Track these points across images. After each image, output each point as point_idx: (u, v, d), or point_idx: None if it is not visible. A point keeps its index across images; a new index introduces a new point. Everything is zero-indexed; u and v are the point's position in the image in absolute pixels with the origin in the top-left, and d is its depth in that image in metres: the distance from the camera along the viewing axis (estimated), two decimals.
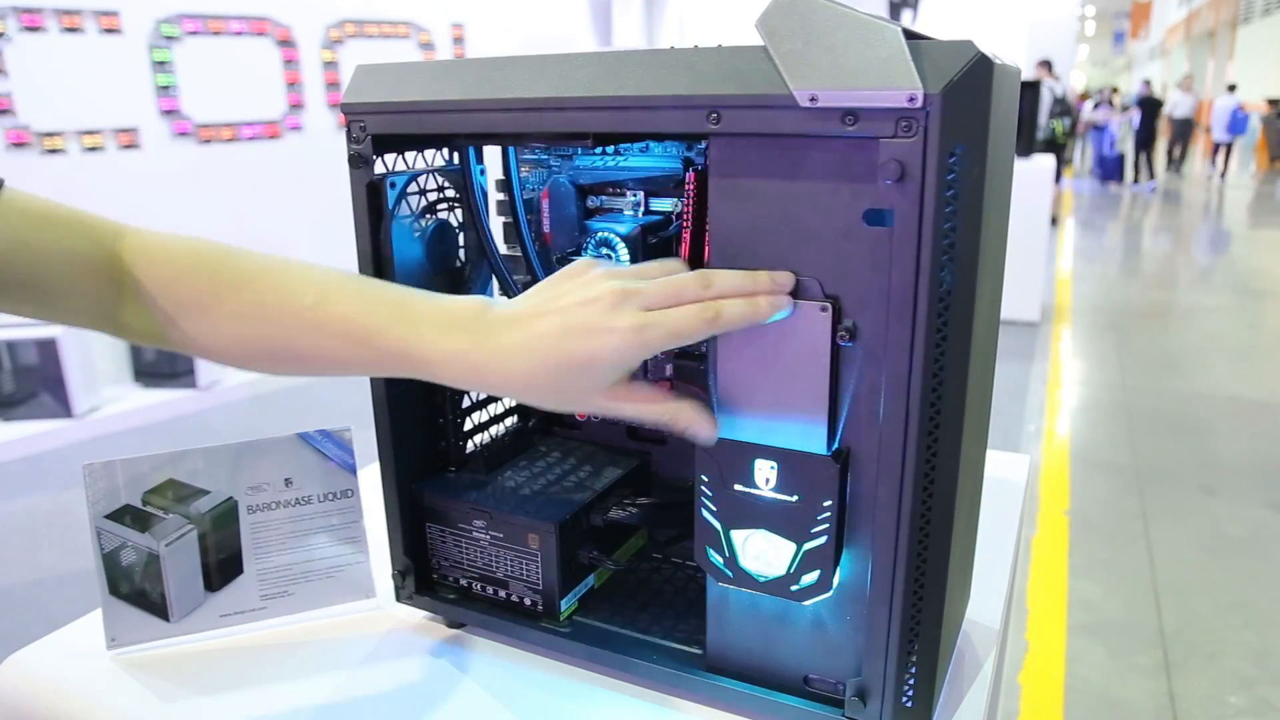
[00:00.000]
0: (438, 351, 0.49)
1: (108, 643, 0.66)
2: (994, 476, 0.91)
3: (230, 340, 0.53)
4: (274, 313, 0.52)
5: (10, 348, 3.30)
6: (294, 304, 0.51)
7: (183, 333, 0.53)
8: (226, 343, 0.53)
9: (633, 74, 0.50)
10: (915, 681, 0.52)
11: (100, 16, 3.53)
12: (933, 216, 0.44)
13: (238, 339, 0.53)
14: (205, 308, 0.52)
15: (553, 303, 0.49)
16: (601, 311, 0.47)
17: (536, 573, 0.64)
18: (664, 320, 0.47)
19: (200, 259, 0.53)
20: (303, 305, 0.51)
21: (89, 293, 0.52)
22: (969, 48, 0.43)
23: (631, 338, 0.47)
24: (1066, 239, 7.44)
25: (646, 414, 0.51)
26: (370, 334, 0.50)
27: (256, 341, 0.53)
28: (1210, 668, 1.96)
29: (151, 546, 0.66)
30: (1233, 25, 16.63)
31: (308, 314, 0.51)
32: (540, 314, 0.49)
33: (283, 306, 0.51)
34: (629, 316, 0.47)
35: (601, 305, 0.48)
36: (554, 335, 0.48)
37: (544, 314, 0.49)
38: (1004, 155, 0.52)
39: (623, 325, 0.47)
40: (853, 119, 0.44)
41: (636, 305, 0.48)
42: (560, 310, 0.49)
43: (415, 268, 0.65)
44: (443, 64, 0.58)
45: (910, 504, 0.48)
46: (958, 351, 0.47)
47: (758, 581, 0.54)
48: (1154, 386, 3.86)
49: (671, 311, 0.48)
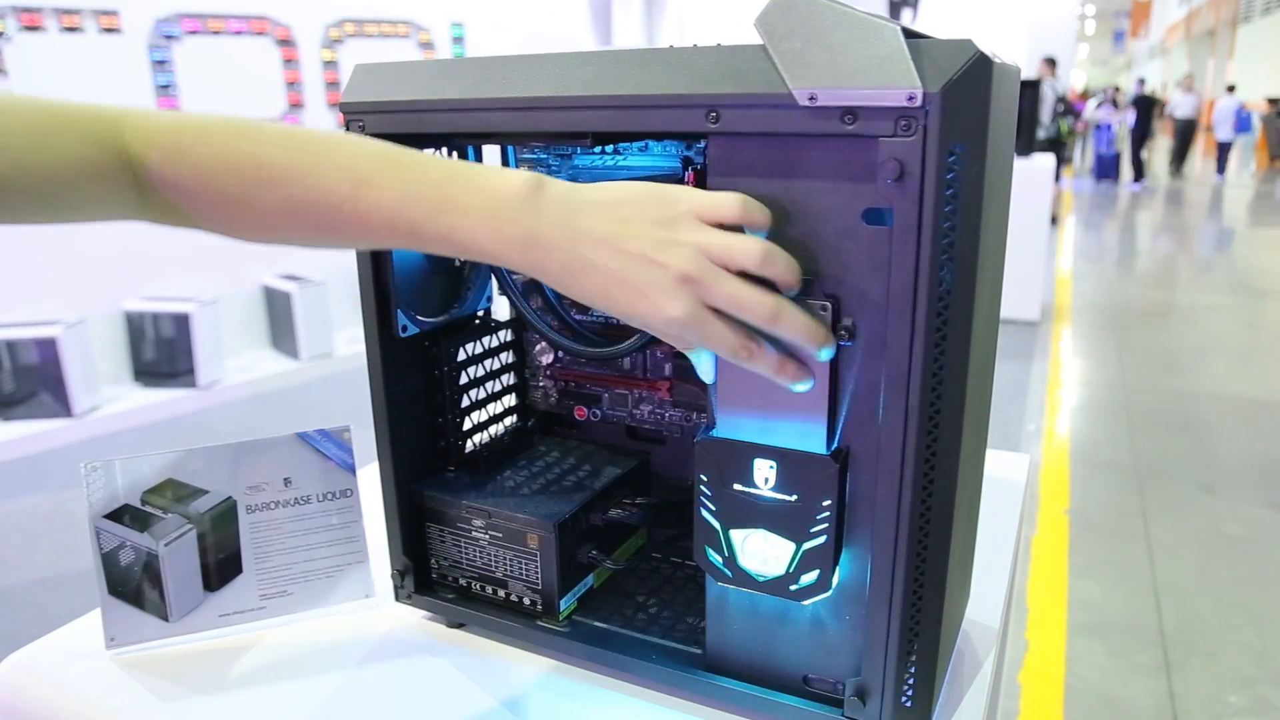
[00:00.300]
0: (487, 245, 0.46)
1: (107, 642, 0.66)
2: (994, 476, 0.90)
3: (267, 231, 0.50)
4: (308, 208, 0.48)
5: (10, 347, 3.29)
6: (329, 197, 0.47)
7: (214, 223, 0.50)
8: (263, 234, 0.50)
9: (632, 73, 0.50)
10: (915, 681, 0.52)
11: (100, 16, 3.52)
12: (932, 215, 0.44)
13: (274, 230, 0.50)
14: (234, 203, 0.49)
15: (620, 235, 0.45)
16: (662, 284, 0.45)
17: (536, 572, 0.64)
18: (707, 331, 0.46)
19: (216, 153, 0.49)
20: (339, 198, 0.47)
21: (101, 195, 0.49)
22: (968, 47, 0.43)
23: (674, 327, 0.45)
24: (1066, 238, 7.44)
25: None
26: (415, 227, 0.47)
27: (295, 232, 0.50)
28: (1210, 667, 1.96)
29: (151, 546, 0.66)
30: (1233, 24, 16.62)
31: (346, 206, 0.47)
32: (600, 240, 0.45)
33: (317, 201, 0.48)
34: (684, 305, 0.45)
35: (667, 276, 0.44)
36: (605, 275, 0.45)
37: (603, 243, 0.45)
38: (1003, 154, 0.52)
39: (674, 313, 0.45)
40: (852, 118, 0.44)
41: (697, 296, 0.45)
42: (622, 252, 0.45)
43: (413, 267, 0.65)
44: (442, 63, 0.58)
45: (910, 503, 0.48)
46: (957, 351, 0.47)
47: (757, 581, 0.54)
48: (1154, 385, 3.85)
49: (718, 328, 0.46)
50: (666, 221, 0.46)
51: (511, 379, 0.77)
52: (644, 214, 0.46)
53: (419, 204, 0.47)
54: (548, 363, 0.76)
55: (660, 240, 0.45)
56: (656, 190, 0.47)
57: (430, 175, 0.47)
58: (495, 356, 0.74)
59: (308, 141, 0.49)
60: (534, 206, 0.46)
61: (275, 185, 0.48)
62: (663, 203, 0.46)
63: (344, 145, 0.49)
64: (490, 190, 0.46)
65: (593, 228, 0.46)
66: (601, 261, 0.45)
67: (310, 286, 4.02)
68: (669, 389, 0.70)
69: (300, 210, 0.48)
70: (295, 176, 0.48)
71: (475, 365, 0.72)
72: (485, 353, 0.73)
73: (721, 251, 0.45)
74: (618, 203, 0.46)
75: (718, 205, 0.46)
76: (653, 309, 0.45)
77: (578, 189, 0.47)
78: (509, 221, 0.46)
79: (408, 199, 0.47)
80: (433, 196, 0.47)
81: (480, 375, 0.73)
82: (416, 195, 0.47)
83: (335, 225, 0.48)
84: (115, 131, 0.48)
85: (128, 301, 3.67)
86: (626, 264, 0.45)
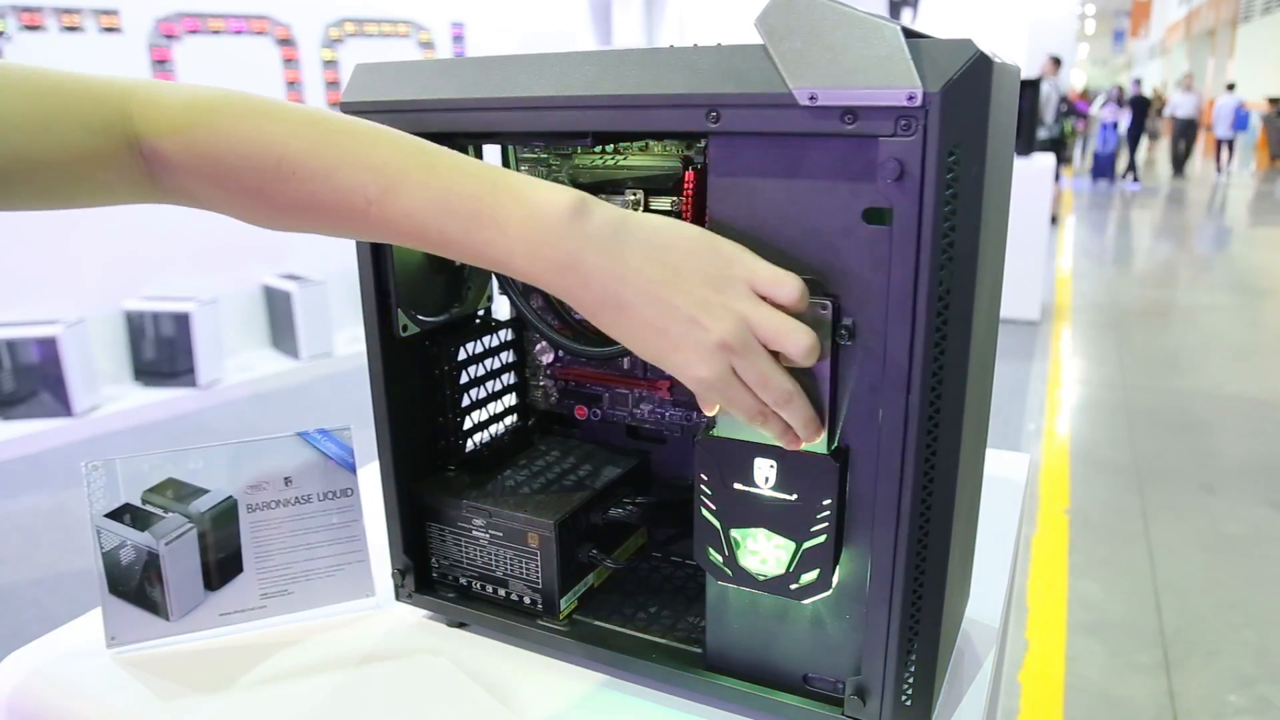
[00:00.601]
0: (522, 265, 0.45)
1: (107, 641, 0.66)
2: (994, 475, 0.91)
3: (287, 222, 0.48)
4: (331, 207, 0.46)
5: (10, 347, 3.30)
6: (353, 199, 0.45)
7: (230, 211, 0.48)
8: (282, 224, 0.48)
9: (632, 73, 0.50)
10: (914, 680, 0.53)
11: (100, 15, 3.53)
12: (932, 215, 0.44)
13: (294, 222, 0.48)
14: (252, 195, 0.46)
15: (667, 284, 0.44)
16: (699, 344, 0.44)
17: (536, 571, 0.64)
18: (731, 395, 0.46)
19: (230, 144, 0.45)
20: (365, 200, 0.45)
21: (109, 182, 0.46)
22: (968, 46, 0.43)
23: (700, 387, 0.46)
24: (1066, 237, 7.44)
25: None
26: (447, 239, 0.45)
27: (316, 225, 0.48)
28: (1210, 666, 1.96)
29: (151, 545, 0.66)
30: (1233, 24, 16.62)
31: (373, 210, 0.45)
32: (645, 285, 0.44)
33: (341, 201, 0.45)
34: (717, 370, 0.45)
35: (707, 339, 0.44)
36: (643, 322, 0.44)
37: (648, 289, 0.44)
38: (1003, 154, 0.52)
39: (706, 375, 0.45)
40: (852, 117, 0.44)
41: (730, 367, 0.45)
42: (666, 303, 0.44)
43: (415, 267, 0.65)
44: (442, 63, 0.58)
45: (909, 502, 0.48)
46: (957, 350, 0.47)
47: (757, 580, 0.54)
48: (1154, 385, 3.85)
49: (745, 396, 0.46)
50: (718, 282, 0.44)
51: (512, 378, 0.77)
52: (697, 267, 0.44)
53: (453, 216, 0.44)
54: (548, 362, 0.76)
55: (708, 301, 0.44)
56: (712, 243, 0.46)
57: (466, 185, 0.45)
58: (495, 356, 0.74)
59: (332, 132, 0.46)
60: (578, 231, 0.44)
61: (296, 180, 0.45)
62: (718, 260, 0.45)
63: (371, 140, 0.46)
64: (531, 207, 0.44)
65: (640, 268, 0.44)
66: (642, 306, 0.44)
67: (310, 286, 4.02)
68: (669, 388, 0.70)
69: (323, 208, 0.46)
70: (318, 173, 0.45)
71: (475, 365, 0.72)
72: (485, 352, 0.73)
73: (772, 334, 0.45)
74: (668, 247, 0.45)
75: (778, 284, 0.45)
76: (685, 366, 0.45)
77: (626, 218, 0.45)
78: (550, 244, 0.44)
79: (441, 209, 0.44)
80: (468, 209, 0.44)
81: (480, 375, 0.73)
82: (450, 206, 0.44)
83: (360, 226, 0.46)
84: (122, 114, 0.45)
85: (128, 301, 3.67)
86: (668, 316, 0.44)
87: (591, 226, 0.44)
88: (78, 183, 0.46)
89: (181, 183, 0.47)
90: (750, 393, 0.46)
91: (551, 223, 0.44)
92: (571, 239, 0.44)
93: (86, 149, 0.45)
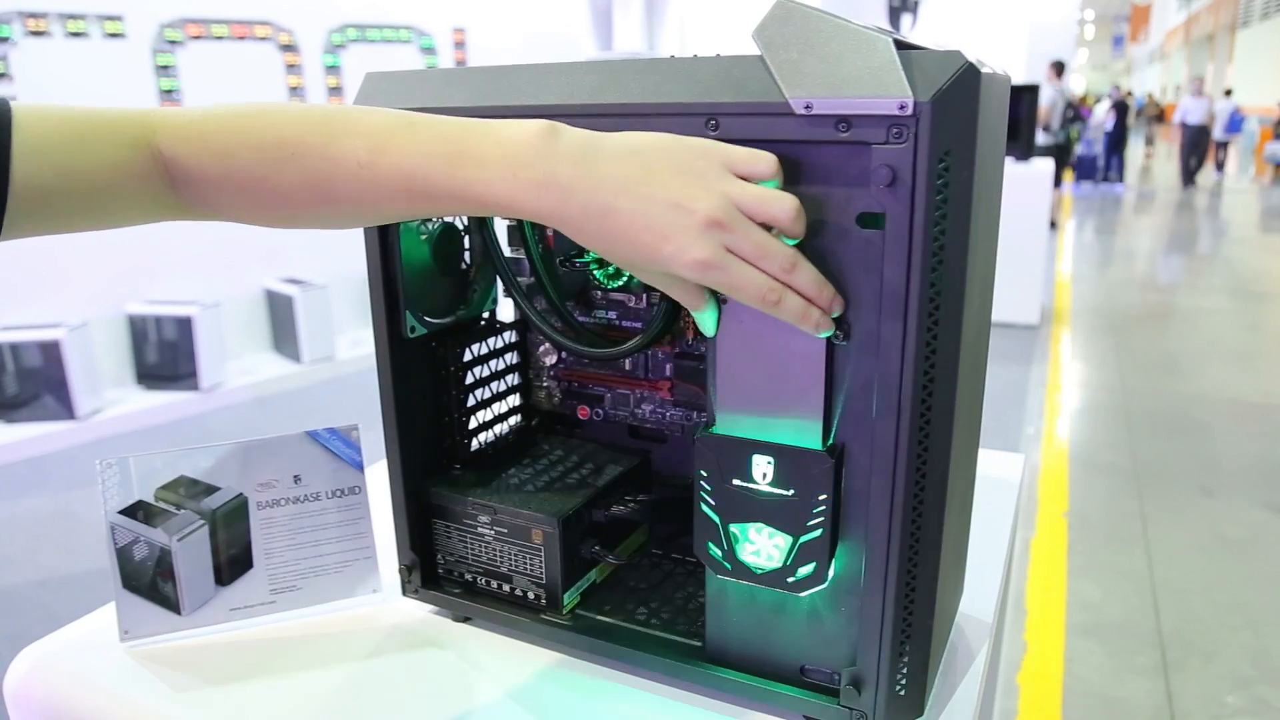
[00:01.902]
0: (504, 193, 0.46)
1: (121, 635, 0.68)
2: (989, 475, 0.92)
3: (291, 209, 0.51)
4: (329, 180, 0.49)
5: (13, 350, 3.31)
6: (347, 165, 0.48)
7: (240, 209, 0.52)
8: (288, 213, 0.51)
9: (634, 82, 0.52)
10: (908, 671, 0.54)
11: (104, 21, 3.55)
12: (923, 219, 0.45)
13: (298, 208, 0.51)
14: (258, 182, 0.50)
15: (643, 180, 0.45)
16: (687, 227, 0.45)
17: (540, 567, 0.66)
18: (733, 273, 0.46)
19: (239, 136, 0.50)
20: (357, 164, 0.48)
21: (138, 195, 0.50)
22: (957, 57, 0.44)
23: (698, 269, 0.45)
24: (1066, 241, 7.45)
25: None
26: (432, 185, 0.47)
27: (318, 207, 0.50)
28: (1208, 668, 1.97)
29: (164, 541, 0.67)
30: (1232, 29, 16.65)
31: (364, 173, 0.48)
32: (622, 184, 0.45)
33: (336, 171, 0.48)
34: (708, 248, 0.45)
35: (693, 220, 0.45)
36: (626, 220, 0.45)
37: (625, 187, 0.45)
38: (993, 160, 0.54)
39: (698, 256, 0.45)
40: (846, 125, 0.46)
41: (722, 242, 0.45)
42: (646, 198, 0.45)
43: (421, 270, 0.66)
44: (449, 71, 0.59)
45: (902, 497, 0.50)
46: (948, 349, 0.48)
47: (755, 574, 0.55)
48: (1153, 388, 3.87)
49: (745, 271, 0.46)
50: (693, 168, 0.46)
51: (516, 379, 0.78)
52: (670, 161, 0.46)
53: (434, 161, 0.47)
54: (551, 363, 0.78)
55: (687, 186, 0.45)
56: (680, 139, 0.47)
57: (444, 131, 0.48)
58: (500, 357, 0.76)
59: (325, 116, 0.50)
60: (551, 150, 0.46)
61: (296, 160, 0.49)
62: (690, 151, 0.47)
63: (360, 115, 0.50)
64: (505, 139, 0.47)
65: (614, 172, 0.46)
66: (623, 205, 0.45)
67: (312, 290, 4.03)
68: (670, 389, 0.72)
69: (321, 183, 0.49)
70: (315, 149, 0.49)
71: (481, 365, 0.73)
72: (490, 353, 0.74)
73: (755, 203, 0.46)
74: (639, 149, 0.46)
75: (753, 161, 0.47)
76: (679, 253, 0.45)
77: (596, 134, 0.47)
78: (525, 166, 0.46)
79: (423, 157, 0.47)
80: (448, 152, 0.47)
81: (485, 375, 0.74)
82: (431, 153, 0.47)
83: (355, 194, 0.49)
84: (146, 131, 0.50)
85: (130, 304, 3.69)
86: (650, 209, 0.45)
87: (563, 145, 0.46)
88: (112, 196, 0.49)
89: (198, 188, 0.51)
90: (754, 269, 0.46)
91: (524, 147, 0.46)
92: (546, 158, 0.46)
93: (117, 161, 0.49)
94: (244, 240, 3.96)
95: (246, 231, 4.04)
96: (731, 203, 0.45)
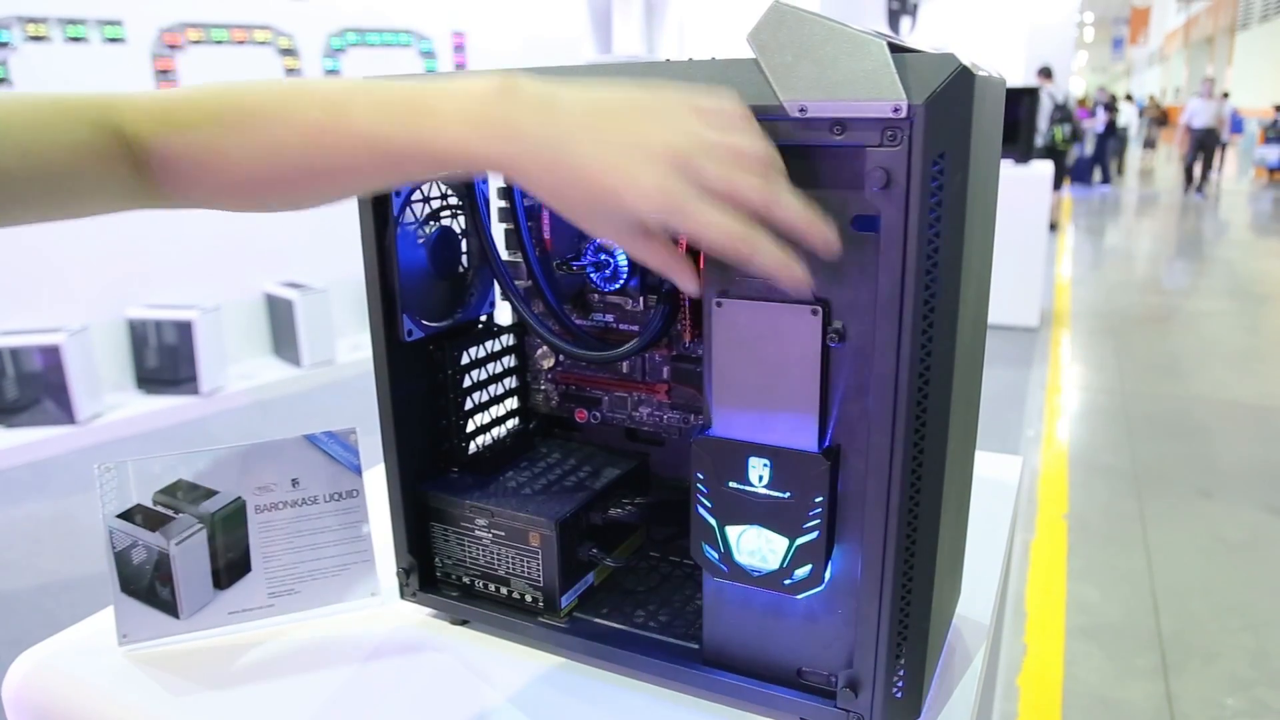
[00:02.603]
0: (465, 145, 0.45)
1: (119, 639, 0.68)
2: (987, 477, 0.92)
3: (256, 187, 0.50)
4: (290, 147, 0.48)
5: (14, 354, 3.31)
6: (308, 131, 0.48)
7: (205, 189, 0.51)
8: (251, 189, 0.50)
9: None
10: (905, 673, 0.54)
11: (104, 25, 3.56)
12: (918, 221, 0.45)
13: (262, 183, 0.50)
14: (219, 155, 0.49)
15: (602, 125, 0.44)
16: (644, 161, 0.43)
17: (538, 570, 0.66)
18: (697, 214, 0.43)
19: (200, 108, 0.49)
20: (319, 129, 0.48)
21: (103, 179, 0.49)
22: (951, 60, 0.45)
23: (657, 203, 0.43)
24: (1066, 243, 7.46)
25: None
26: (393, 145, 0.46)
27: (281, 181, 0.49)
28: (1208, 670, 1.97)
29: (162, 545, 0.68)
30: (1231, 31, 16.68)
31: (326, 138, 0.47)
32: (580, 131, 0.44)
33: (297, 138, 0.48)
34: (667, 179, 0.43)
35: (651, 153, 0.43)
36: (585, 166, 0.44)
37: (584, 134, 0.44)
38: (988, 162, 0.54)
39: (655, 184, 0.43)
40: (840, 129, 0.46)
41: (690, 179, 0.43)
42: (605, 142, 0.44)
43: (419, 273, 0.67)
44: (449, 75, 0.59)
45: (898, 499, 0.50)
46: (943, 351, 0.48)
47: (752, 576, 0.55)
48: (1153, 391, 3.87)
49: (714, 217, 0.43)
50: (656, 110, 0.45)
51: (513, 382, 0.78)
52: (633, 105, 0.45)
53: (393, 119, 0.46)
54: (549, 366, 0.78)
55: (647, 125, 0.44)
56: (643, 88, 0.46)
57: (402, 90, 0.47)
58: (498, 360, 0.76)
59: (286, 86, 0.50)
60: (512, 101, 0.45)
61: (257, 128, 0.48)
62: (653, 97, 0.46)
63: (320, 83, 0.50)
64: (463, 91, 0.46)
65: (578, 123, 0.44)
66: (582, 150, 0.44)
67: (312, 294, 4.04)
68: (667, 392, 0.72)
69: (283, 150, 0.48)
70: (276, 115, 0.48)
71: (478, 369, 0.74)
72: (488, 356, 0.75)
73: (720, 138, 0.44)
74: (601, 99, 0.45)
75: (720, 104, 0.45)
76: (632, 185, 0.43)
77: (556, 85, 0.46)
78: (486, 119, 0.45)
79: (383, 116, 0.46)
80: (407, 108, 0.46)
81: (483, 379, 0.74)
82: (390, 112, 0.46)
83: (318, 162, 0.48)
84: (109, 112, 0.49)
85: (131, 309, 3.69)
86: (608, 152, 0.43)
87: (522, 95, 0.45)
88: (76, 179, 0.48)
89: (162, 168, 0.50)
90: (721, 213, 0.43)
91: (485, 100, 0.45)
92: (507, 109, 0.45)
93: (81, 142, 0.48)
94: (244, 244, 3.96)
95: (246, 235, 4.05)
96: (695, 138, 0.44)
